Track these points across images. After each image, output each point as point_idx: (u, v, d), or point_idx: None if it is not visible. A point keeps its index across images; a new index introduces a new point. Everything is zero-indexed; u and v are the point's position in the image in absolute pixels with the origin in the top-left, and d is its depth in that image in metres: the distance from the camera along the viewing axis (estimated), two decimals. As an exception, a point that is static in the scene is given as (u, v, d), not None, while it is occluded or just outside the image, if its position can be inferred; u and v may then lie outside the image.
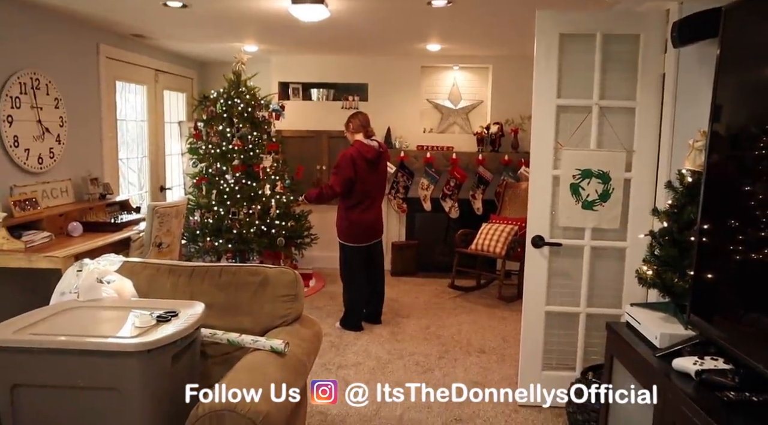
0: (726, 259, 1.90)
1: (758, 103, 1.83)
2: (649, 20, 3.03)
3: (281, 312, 2.53)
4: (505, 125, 6.41)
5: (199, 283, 2.59)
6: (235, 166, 5.24)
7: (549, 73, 3.13)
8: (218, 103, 5.33)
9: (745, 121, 1.89)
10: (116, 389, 1.85)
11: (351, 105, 6.54)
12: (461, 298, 5.67)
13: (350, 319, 4.70)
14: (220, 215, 5.26)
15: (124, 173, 5.65)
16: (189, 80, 6.92)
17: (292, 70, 6.69)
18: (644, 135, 3.07)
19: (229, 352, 2.40)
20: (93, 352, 1.85)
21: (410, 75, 6.57)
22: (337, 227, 4.70)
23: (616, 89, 3.12)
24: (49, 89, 4.29)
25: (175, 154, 6.66)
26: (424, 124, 6.76)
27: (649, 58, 3.03)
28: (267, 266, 2.64)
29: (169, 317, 2.07)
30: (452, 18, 4.38)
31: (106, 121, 5.08)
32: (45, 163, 4.26)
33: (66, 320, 2.09)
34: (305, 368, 2.39)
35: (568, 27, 3.10)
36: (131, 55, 5.51)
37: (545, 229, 3.21)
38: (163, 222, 4.32)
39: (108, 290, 2.38)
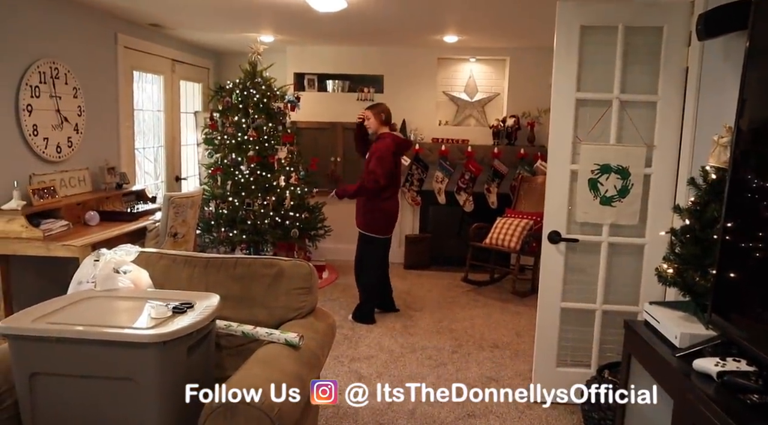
0: (750, 258, 1.85)
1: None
2: (673, 12, 2.97)
3: (296, 305, 2.53)
4: (521, 118, 6.35)
5: (215, 274, 2.60)
6: (250, 157, 5.24)
7: (569, 66, 3.08)
8: (234, 93, 5.34)
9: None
10: (132, 379, 1.86)
11: (366, 96, 6.51)
12: (474, 292, 5.65)
13: (365, 312, 4.70)
14: (234, 205, 5.28)
15: (140, 163, 5.68)
16: (205, 70, 6.93)
17: (308, 61, 6.67)
18: (665, 130, 3.02)
19: (243, 344, 2.40)
20: (109, 342, 1.85)
21: (426, 67, 6.52)
22: (366, 220, 4.61)
23: (638, 83, 3.06)
24: (68, 79, 4.31)
25: (191, 144, 6.69)
26: (440, 116, 6.72)
27: (672, 51, 2.97)
28: (282, 259, 2.63)
29: (185, 309, 2.07)
30: (470, 8, 4.33)
31: (123, 110, 5.10)
32: (63, 152, 4.29)
33: (83, 309, 2.10)
34: (319, 361, 2.39)
35: (589, 18, 3.05)
36: (148, 45, 5.52)
37: (562, 225, 3.17)
38: (178, 212, 4.33)
39: (124, 280, 2.39)
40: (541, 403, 3.33)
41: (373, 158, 4.47)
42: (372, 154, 4.51)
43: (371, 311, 4.71)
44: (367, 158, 4.60)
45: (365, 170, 4.54)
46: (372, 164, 4.46)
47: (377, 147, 4.52)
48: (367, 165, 4.52)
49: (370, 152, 4.56)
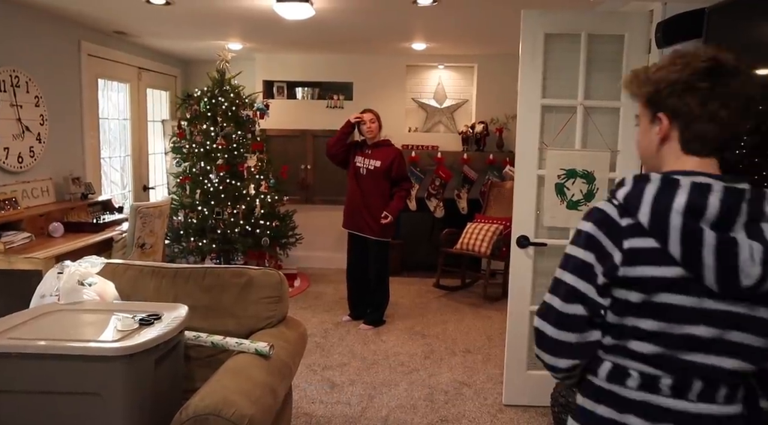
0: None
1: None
2: (634, 21, 3.05)
3: (266, 314, 2.51)
4: (490, 124, 6.43)
5: (183, 285, 2.57)
6: (219, 165, 5.19)
7: (534, 73, 3.14)
8: (202, 101, 5.29)
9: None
10: (98, 394, 1.82)
11: (336, 104, 6.52)
12: (446, 297, 5.68)
13: (381, 315, 4.81)
14: (204, 215, 5.22)
15: (107, 173, 5.58)
16: (172, 78, 6.85)
17: (277, 69, 6.65)
18: (628, 135, 3.09)
19: (213, 355, 2.38)
20: (74, 357, 1.82)
21: (395, 74, 6.56)
22: (382, 227, 4.59)
23: (601, 89, 3.13)
24: (29, 87, 4.22)
25: (159, 153, 6.60)
26: (409, 123, 6.76)
27: (633, 59, 3.04)
28: (251, 268, 2.62)
29: (152, 320, 2.04)
30: (437, 17, 4.37)
31: (87, 119, 5.01)
32: (25, 162, 4.19)
33: (46, 323, 2.06)
34: (290, 370, 2.38)
35: (553, 27, 3.11)
36: (113, 53, 5.44)
37: (530, 229, 3.22)
38: (146, 222, 4.27)
39: (89, 292, 2.34)
40: (512, 406, 3.37)
41: (402, 164, 4.60)
42: (394, 160, 4.55)
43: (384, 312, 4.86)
44: (386, 165, 4.54)
45: (385, 176, 4.55)
46: (402, 169, 4.59)
47: (396, 153, 4.61)
48: (385, 172, 4.54)
49: (390, 158, 4.55)
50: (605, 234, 1.15)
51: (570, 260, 1.20)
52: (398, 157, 4.58)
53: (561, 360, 1.21)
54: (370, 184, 4.57)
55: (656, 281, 1.11)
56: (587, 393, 1.25)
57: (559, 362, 1.21)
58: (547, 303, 1.23)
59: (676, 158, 1.18)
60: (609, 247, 1.14)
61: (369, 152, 4.61)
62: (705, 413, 1.14)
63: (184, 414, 1.81)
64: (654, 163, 1.24)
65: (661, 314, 1.12)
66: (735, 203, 1.08)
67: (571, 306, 1.18)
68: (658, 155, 1.21)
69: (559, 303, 1.19)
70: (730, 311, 1.10)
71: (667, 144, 1.19)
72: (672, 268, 1.10)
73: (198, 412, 1.79)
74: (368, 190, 4.57)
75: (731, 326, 1.11)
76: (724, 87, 1.11)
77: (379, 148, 4.60)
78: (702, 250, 1.07)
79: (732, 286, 1.08)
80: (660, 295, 1.11)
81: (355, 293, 4.88)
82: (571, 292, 1.18)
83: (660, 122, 1.18)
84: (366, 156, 4.61)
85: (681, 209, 1.08)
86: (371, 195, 4.56)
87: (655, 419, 1.15)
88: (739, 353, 1.12)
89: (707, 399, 1.14)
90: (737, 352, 1.12)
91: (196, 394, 1.89)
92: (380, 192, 4.57)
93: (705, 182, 1.10)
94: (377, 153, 4.58)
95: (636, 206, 1.13)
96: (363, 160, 4.61)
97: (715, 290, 1.09)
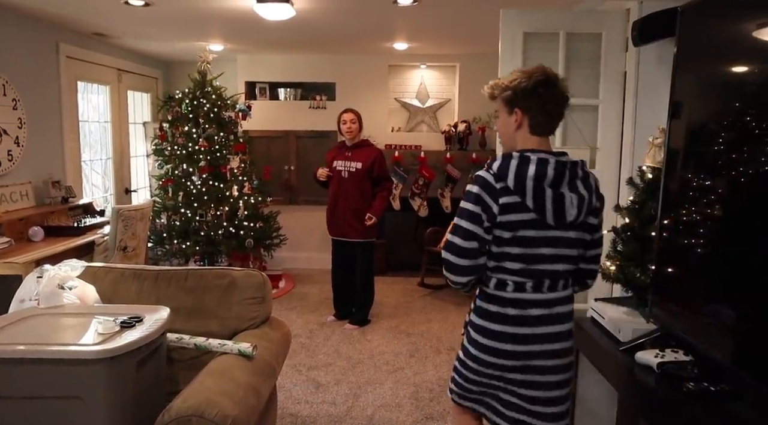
0: (685, 253, 1.94)
1: (713, 100, 1.88)
2: (610, 19, 3.09)
3: (249, 315, 2.51)
4: (472, 123, 6.46)
5: (165, 287, 2.55)
6: (201, 167, 5.17)
7: (514, 72, 3.16)
8: (183, 103, 5.26)
9: (702, 118, 1.94)
10: (80, 398, 1.81)
11: (319, 104, 6.52)
12: (431, 296, 5.70)
13: (367, 314, 4.83)
14: (187, 217, 5.19)
15: (88, 176, 5.53)
16: (153, 80, 6.80)
17: (259, 70, 6.63)
18: (607, 132, 3.13)
19: (196, 356, 2.37)
20: (54, 361, 1.80)
21: (378, 74, 6.57)
22: (366, 229, 4.58)
23: (580, 87, 3.16)
24: (6, 90, 4.16)
25: (140, 155, 6.54)
26: (392, 123, 6.77)
27: (610, 57, 3.09)
28: (234, 269, 2.61)
29: (134, 323, 2.03)
30: (418, 16, 4.39)
31: (67, 122, 4.96)
32: (3, 166, 4.14)
33: (26, 328, 2.04)
34: (274, 370, 2.38)
35: (531, 25, 3.14)
36: (93, 55, 5.38)
37: (512, 226, 3.24)
38: (128, 225, 4.23)
39: (70, 296, 2.32)
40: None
41: (383, 164, 4.57)
42: (375, 160, 4.53)
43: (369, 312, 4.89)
44: (368, 166, 4.51)
45: (367, 176, 4.52)
46: (383, 169, 4.57)
47: (377, 153, 4.58)
48: (367, 173, 4.51)
49: (371, 158, 4.52)
50: (487, 194, 1.76)
51: (465, 212, 1.79)
52: (379, 157, 4.57)
53: (461, 278, 1.83)
54: (353, 186, 4.53)
55: (519, 222, 1.75)
56: (482, 298, 1.88)
57: (460, 279, 1.83)
58: (449, 241, 1.82)
59: (526, 138, 1.83)
60: (490, 202, 1.75)
61: (349, 154, 4.57)
62: (552, 298, 1.82)
63: (167, 416, 1.80)
64: (511, 143, 1.87)
65: (523, 243, 1.77)
66: (561, 171, 1.74)
67: (468, 242, 1.77)
68: (514, 136, 1.85)
69: (459, 241, 1.79)
70: (560, 236, 1.78)
71: (520, 129, 1.83)
72: (528, 214, 1.74)
73: (180, 414, 1.79)
74: (351, 192, 4.53)
75: (561, 245, 1.79)
76: (552, 92, 1.79)
77: (360, 149, 4.58)
78: (545, 201, 1.73)
79: (561, 221, 1.75)
80: (521, 231, 1.76)
81: (341, 294, 4.87)
82: (467, 233, 1.77)
83: (516, 115, 1.82)
84: (346, 159, 4.56)
85: (532, 176, 1.72)
86: (354, 197, 4.53)
87: (524, 307, 1.80)
88: (566, 260, 1.81)
89: (552, 290, 1.82)
90: (565, 260, 1.81)
91: (178, 396, 1.88)
92: (363, 193, 4.55)
93: (544, 158, 1.74)
94: (357, 154, 4.55)
95: (505, 174, 1.75)
96: (344, 163, 4.56)
97: (552, 225, 1.75)
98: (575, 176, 1.76)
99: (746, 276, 1.60)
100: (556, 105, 1.79)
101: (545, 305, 1.80)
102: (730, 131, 1.72)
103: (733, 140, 1.70)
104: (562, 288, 1.83)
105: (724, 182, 1.73)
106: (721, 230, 1.74)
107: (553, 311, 1.81)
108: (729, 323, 1.70)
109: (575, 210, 1.74)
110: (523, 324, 1.79)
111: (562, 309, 1.83)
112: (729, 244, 1.69)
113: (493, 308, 1.82)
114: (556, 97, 1.79)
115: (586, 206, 1.76)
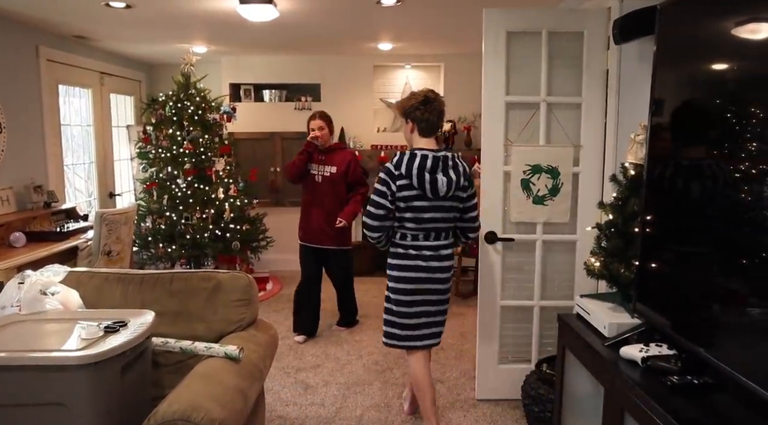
0: (667, 249, 1.96)
1: (693, 96, 1.90)
2: (592, 18, 3.11)
3: (235, 318, 2.49)
4: (457, 123, 6.48)
5: (150, 291, 2.53)
6: (186, 170, 5.13)
7: (497, 71, 3.18)
8: (167, 106, 5.22)
9: (682, 114, 1.96)
10: (63, 404, 1.78)
11: (304, 105, 6.50)
12: (420, 295, 5.69)
13: (354, 318, 4.85)
14: (172, 220, 5.15)
15: (71, 180, 5.47)
16: (137, 83, 6.74)
17: (243, 71, 6.60)
18: (590, 130, 3.15)
19: (182, 360, 2.36)
20: (37, 367, 1.78)
21: (363, 74, 6.57)
22: (345, 235, 4.46)
23: (563, 85, 3.19)
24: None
25: (124, 159, 6.49)
26: (378, 123, 6.77)
27: (592, 55, 3.11)
28: (219, 272, 2.59)
29: (118, 327, 2.01)
30: (402, 17, 4.40)
31: (48, 126, 4.90)
32: (-17, 171, 4.08)
33: (8, 335, 2.01)
34: (261, 373, 2.36)
35: (514, 25, 3.16)
36: (74, 58, 5.33)
37: (498, 225, 3.26)
38: (111, 230, 4.20)
39: (52, 302, 2.30)
40: (484, 400, 3.40)
41: (357, 167, 4.45)
42: (350, 164, 4.37)
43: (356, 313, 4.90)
44: (343, 169, 4.34)
45: (342, 180, 4.36)
46: (357, 173, 4.42)
47: (351, 156, 4.44)
48: (342, 176, 4.34)
49: (345, 162, 4.35)
50: (389, 178, 2.74)
51: (376, 190, 2.76)
52: (353, 160, 4.41)
53: (375, 233, 2.81)
54: (329, 191, 4.35)
55: (410, 197, 2.72)
56: (394, 246, 2.87)
57: (375, 234, 2.82)
58: (367, 209, 2.78)
59: (417, 139, 2.84)
60: (392, 184, 2.73)
61: (323, 158, 4.36)
62: (436, 244, 2.82)
63: (153, 420, 1.78)
64: (410, 142, 2.88)
65: (414, 209, 2.75)
66: (437, 162, 2.72)
67: (378, 210, 2.75)
68: (411, 137, 2.87)
69: (373, 209, 2.76)
70: (438, 205, 2.76)
71: (414, 133, 2.84)
72: (415, 191, 2.71)
73: (167, 418, 1.77)
74: (326, 197, 4.34)
75: (439, 211, 2.77)
76: (431, 107, 2.80)
77: (333, 152, 4.39)
78: (425, 182, 2.69)
79: (437, 195, 2.72)
80: (412, 202, 2.73)
81: (302, 308, 4.53)
82: (378, 204, 2.75)
83: (410, 123, 2.84)
84: (320, 163, 4.36)
85: (416, 166, 2.68)
86: (330, 202, 4.34)
87: (419, 250, 2.80)
88: (443, 221, 2.80)
89: (437, 239, 2.82)
90: (443, 221, 2.80)
91: (164, 400, 1.86)
92: (339, 198, 4.36)
93: (426, 154, 2.72)
94: (331, 158, 4.36)
95: (400, 164, 2.72)
96: (317, 167, 4.36)
97: (431, 197, 2.72)
98: (447, 165, 2.73)
99: (728, 270, 1.61)
100: (433, 116, 2.79)
101: (433, 249, 2.81)
102: (711, 128, 1.74)
103: (713, 137, 1.72)
104: (443, 238, 2.83)
105: (704, 178, 1.75)
106: (703, 225, 1.75)
107: (438, 252, 2.82)
108: (710, 317, 1.72)
109: (445, 188, 2.70)
110: (419, 259, 2.80)
111: (445, 251, 2.84)
112: (710, 239, 1.71)
113: (401, 250, 2.84)
114: (434, 110, 2.79)
115: (455, 184, 2.72)
